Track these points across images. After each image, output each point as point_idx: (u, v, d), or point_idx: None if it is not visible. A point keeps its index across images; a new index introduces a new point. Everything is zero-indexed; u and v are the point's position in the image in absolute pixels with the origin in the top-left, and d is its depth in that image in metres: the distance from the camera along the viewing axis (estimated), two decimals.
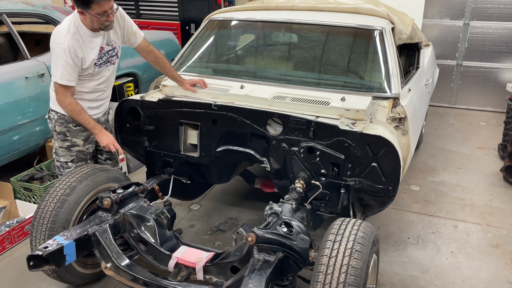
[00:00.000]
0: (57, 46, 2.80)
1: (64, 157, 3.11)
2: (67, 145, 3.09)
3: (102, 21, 2.78)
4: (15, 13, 4.11)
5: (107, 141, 2.99)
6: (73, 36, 2.80)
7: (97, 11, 2.72)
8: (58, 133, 3.07)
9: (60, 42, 2.80)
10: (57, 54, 2.81)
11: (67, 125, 3.04)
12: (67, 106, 2.91)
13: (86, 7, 2.71)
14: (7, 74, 3.76)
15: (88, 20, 2.80)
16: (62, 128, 3.05)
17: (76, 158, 3.12)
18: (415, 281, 3.00)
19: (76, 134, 3.08)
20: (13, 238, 3.34)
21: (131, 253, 2.67)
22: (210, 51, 3.74)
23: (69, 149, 3.09)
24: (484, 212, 3.83)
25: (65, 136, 3.07)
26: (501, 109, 6.07)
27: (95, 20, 2.77)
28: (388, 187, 2.54)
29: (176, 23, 7.19)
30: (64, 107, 2.93)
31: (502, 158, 4.68)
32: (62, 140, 3.08)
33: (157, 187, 3.00)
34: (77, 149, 3.11)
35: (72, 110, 2.91)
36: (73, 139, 3.08)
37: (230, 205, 3.93)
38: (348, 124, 2.57)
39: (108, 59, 3.02)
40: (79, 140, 3.10)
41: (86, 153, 3.17)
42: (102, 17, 2.75)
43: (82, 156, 3.15)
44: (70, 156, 3.11)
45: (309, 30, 3.54)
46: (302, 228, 2.33)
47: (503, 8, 5.95)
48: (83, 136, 3.11)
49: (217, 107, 2.78)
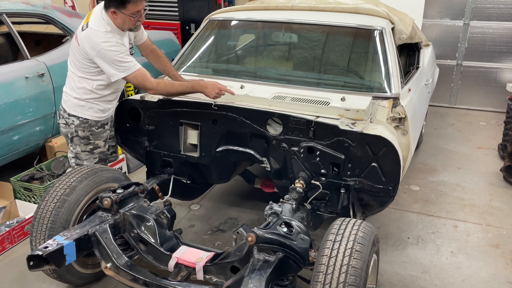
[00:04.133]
0: (105, 45, 2.70)
1: (88, 160, 3.12)
2: (90, 148, 3.10)
3: (134, 21, 2.76)
4: (15, 13, 4.11)
5: (213, 91, 2.77)
6: (113, 34, 2.76)
7: (132, 11, 2.71)
8: (81, 138, 3.05)
9: (104, 41, 2.71)
10: (109, 53, 2.70)
11: (90, 128, 3.03)
12: (156, 87, 2.76)
13: (121, 7, 2.69)
14: (7, 74, 3.76)
15: (119, 20, 2.75)
16: (85, 132, 3.04)
17: (99, 160, 3.15)
18: (415, 281, 3.00)
19: (99, 136, 3.09)
20: (13, 238, 3.34)
21: (131, 253, 2.67)
22: (210, 51, 3.74)
23: (92, 151, 3.11)
24: (484, 212, 3.83)
25: (88, 140, 3.07)
26: (501, 109, 6.07)
27: (128, 19, 2.74)
28: (388, 187, 2.54)
29: (176, 23, 7.19)
30: (158, 91, 2.79)
31: (502, 158, 4.68)
32: (86, 144, 3.08)
33: (157, 187, 3.00)
34: (99, 151, 3.14)
35: (164, 87, 2.77)
36: (95, 141, 3.10)
37: (230, 205, 3.93)
38: (348, 124, 2.57)
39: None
40: (100, 142, 3.12)
41: (105, 153, 3.21)
42: (135, 17, 2.74)
43: (102, 157, 3.18)
44: (94, 158, 3.13)
45: (309, 30, 3.54)
46: (302, 228, 2.33)
47: (503, 8, 5.95)
48: (104, 137, 3.13)
49: (217, 107, 2.78)
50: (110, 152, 3.40)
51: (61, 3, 6.70)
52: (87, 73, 2.88)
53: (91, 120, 3.01)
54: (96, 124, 3.04)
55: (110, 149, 3.38)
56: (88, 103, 2.97)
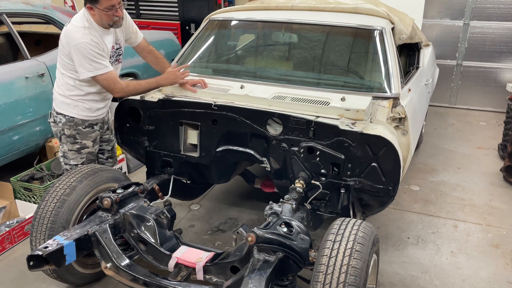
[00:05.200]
0: (78, 43, 2.74)
1: (75, 159, 3.11)
2: (77, 148, 3.09)
3: (111, 16, 2.78)
4: (15, 13, 4.11)
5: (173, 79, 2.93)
6: (90, 31, 2.79)
7: (105, 5, 2.72)
8: (67, 136, 3.05)
9: (80, 37, 2.75)
10: (83, 51, 2.74)
11: (77, 127, 3.03)
12: (126, 88, 2.86)
13: (95, 2, 2.72)
14: (7, 74, 3.76)
15: (97, 16, 2.79)
16: (71, 131, 3.04)
17: (86, 160, 3.13)
18: (415, 281, 3.00)
19: (86, 136, 3.08)
20: (13, 238, 3.34)
21: (131, 253, 2.67)
22: (210, 51, 3.74)
23: (79, 151, 3.10)
24: (484, 212, 3.83)
25: (75, 139, 3.06)
26: (501, 109, 6.07)
27: (104, 15, 2.77)
28: (388, 187, 2.54)
29: (176, 23, 7.19)
30: (127, 93, 2.88)
31: (502, 158, 4.68)
32: (72, 143, 3.07)
33: (157, 187, 3.00)
34: (87, 151, 3.12)
35: (134, 88, 2.87)
36: (82, 141, 3.09)
37: (230, 205, 3.93)
38: (348, 124, 2.57)
39: (116, 57, 3.05)
40: (88, 142, 3.11)
41: (94, 154, 3.19)
42: (110, 12, 2.75)
43: (91, 158, 3.16)
44: (81, 158, 3.11)
45: (309, 30, 3.54)
46: (302, 228, 2.33)
47: (503, 8, 5.95)
48: (92, 137, 3.12)
49: (217, 107, 2.78)
50: (105, 156, 3.37)
51: (61, 3, 6.70)
52: (68, 69, 2.91)
53: (77, 118, 3.01)
54: (83, 123, 3.04)
55: (106, 153, 3.36)
56: (73, 101, 2.97)
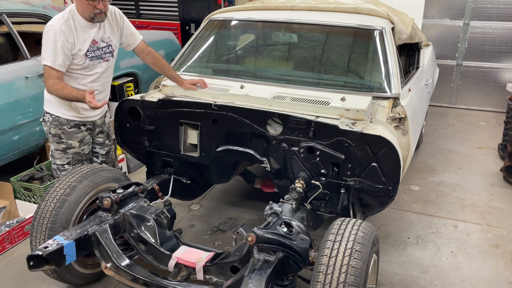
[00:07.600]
0: (49, 29, 2.83)
1: (60, 159, 3.11)
2: (62, 148, 3.08)
3: (91, 7, 2.80)
4: (15, 13, 4.11)
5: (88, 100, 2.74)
6: (66, 22, 2.84)
7: None
8: (53, 135, 3.06)
9: (52, 25, 2.84)
10: (47, 36, 2.82)
11: (62, 127, 3.03)
12: (51, 87, 2.83)
13: None
14: (7, 74, 3.76)
15: (80, 6, 2.84)
16: (57, 130, 3.04)
17: (72, 160, 3.12)
18: (415, 281, 3.00)
19: (71, 136, 3.08)
20: (13, 238, 3.34)
21: (131, 253, 2.66)
22: (210, 51, 3.74)
23: (65, 151, 3.09)
24: (484, 212, 3.83)
25: (60, 138, 3.06)
26: (501, 109, 6.07)
27: (86, 5, 2.80)
28: (388, 187, 2.54)
29: (176, 23, 7.19)
30: (52, 92, 2.86)
31: (502, 158, 4.68)
32: (58, 142, 3.08)
33: (157, 187, 3.00)
34: (73, 151, 3.11)
35: (56, 89, 2.82)
36: (68, 141, 3.08)
37: (230, 205, 3.93)
38: (348, 124, 2.57)
39: (101, 55, 3.02)
40: (74, 142, 3.10)
41: (82, 155, 3.17)
42: (91, 2, 2.77)
43: (78, 158, 3.14)
44: (66, 158, 3.11)
45: (309, 30, 3.54)
46: (302, 228, 2.33)
47: (503, 8, 5.95)
48: (78, 137, 3.11)
49: (217, 107, 2.78)
50: (100, 161, 3.34)
51: (61, 3, 6.71)
52: None
53: (62, 118, 3.01)
54: (68, 123, 3.03)
55: (100, 157, 3.33)
56: (57, 99, 2.96)
